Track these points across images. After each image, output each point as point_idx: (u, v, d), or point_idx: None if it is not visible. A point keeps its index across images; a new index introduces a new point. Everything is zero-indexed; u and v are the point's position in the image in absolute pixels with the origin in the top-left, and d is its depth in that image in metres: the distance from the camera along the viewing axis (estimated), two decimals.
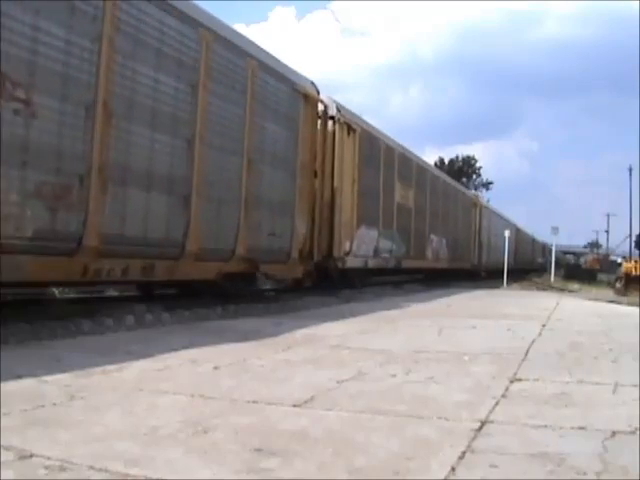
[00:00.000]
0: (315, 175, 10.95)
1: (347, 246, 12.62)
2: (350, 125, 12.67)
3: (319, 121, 11.22)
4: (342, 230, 12.25)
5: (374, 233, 14.38)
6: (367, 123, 14.41)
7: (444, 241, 21.39)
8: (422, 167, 19.42)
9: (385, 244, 15.15)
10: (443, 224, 21.35)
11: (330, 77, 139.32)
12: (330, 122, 11.84)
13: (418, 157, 19.23)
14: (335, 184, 11.94)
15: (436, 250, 20.44)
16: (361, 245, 13.50)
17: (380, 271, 15.78)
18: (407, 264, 17.32)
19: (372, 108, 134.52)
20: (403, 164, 16.78)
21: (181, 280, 8.15)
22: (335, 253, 12.01)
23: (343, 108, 12.50)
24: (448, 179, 24.42)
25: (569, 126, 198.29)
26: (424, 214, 19.07)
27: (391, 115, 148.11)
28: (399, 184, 16.28)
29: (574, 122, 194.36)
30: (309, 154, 10.57)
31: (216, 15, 8.28)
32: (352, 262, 12.97)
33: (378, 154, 14.73)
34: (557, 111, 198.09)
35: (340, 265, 12.31)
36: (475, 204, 27.33)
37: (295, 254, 10.14)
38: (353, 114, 13.31)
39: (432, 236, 19.89)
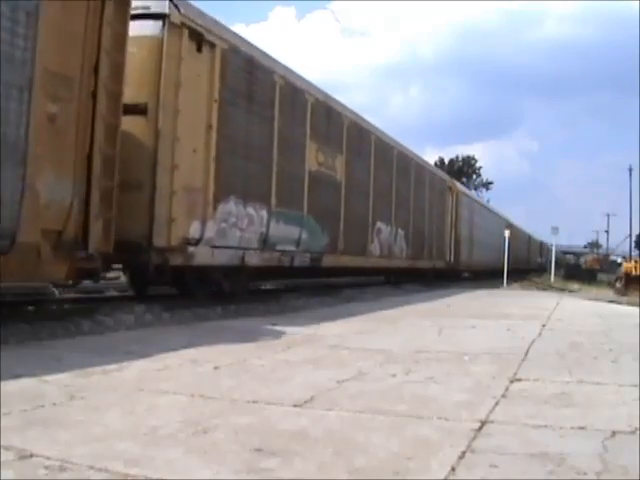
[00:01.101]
0: (94, 98, 5.90)
1: (194, 230, 7.80)
2: (203, 36, 7.84)
3: (111, 8, 6.09)
4: (175, 202, 7.40)
5: (259, 214, 9.15)
6: (247, 42, 9.20)
7: (401, 232, 16.23)
8: (361, 127, 13.47)
9: (285, 232, 9.93)
10: (400, 210, 16.02)
11: (330, 77, 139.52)
12: (150, 22, 7.26)
13: (355, 113, 13.46)
14: (160, 124, 7.18)
15: (387, 244, 15.16)
16: (229, 230, 8.45)
17: (278, 271, 10.73)
18: (333, 262, 12.01)
19: (372, 108, 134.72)
20: (323, 116, 11.34)
21: None
22: (157, 240, 7.13)
23: (190, 7, 7.79)
24: (408, 151, 17.63)
25: (569, 126, 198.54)
26: (365, 193, 13.65)
27: (391, 115, 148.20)
28: (314, 145, 10.91)
29: (574, 122, 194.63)
30: (79, 60, 5.85)
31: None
32: (207, 256, 8.03)
33: (268, 93, 9.42)
34: (557, 111, 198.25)
35: (178, 260, 7.53)
36: (450, 189, 22.23)
37: (33, 237, 5.38)
38: (216, 23, 8.37)
39: (380, 225, 14.56)
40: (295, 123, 10.33)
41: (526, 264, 42.73)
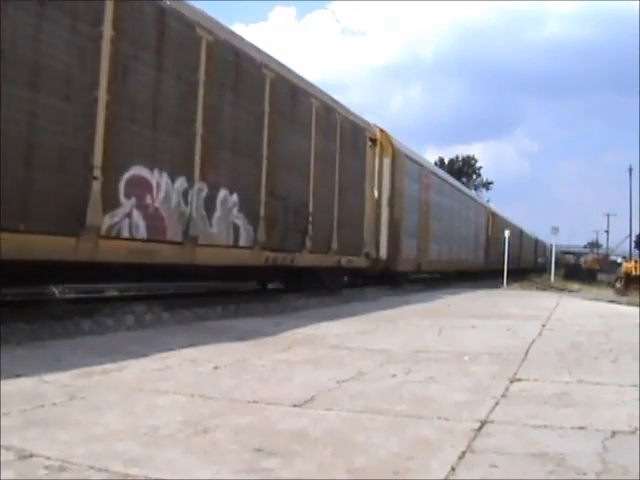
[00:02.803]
0: None
1: None
2: None
3: None
4: None
5: None
6: None
7: (232, 198, 8.32)
8: None
9: None
10: (226, 154, 8.20)
11: (330, 77, 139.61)
12: None
13: None
14: None
15: (173, 217, 7.18)
16: None
17: None
18: None
19: (372, 108, 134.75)
20: None
21: None
22: None
23: None
24: (263, 55, 9.24)
25: (569, 126, 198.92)
26: (80, 99, 5.74)
27: (391, 115, 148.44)
28: None
29: (574, 122, 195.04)
30: None
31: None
32: None
33: None
34: (557, 111, 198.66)
35: None
36: (376, 143, 13.98)
37: None
38: None
39: (142, 172, 6.66)
40: None
41: (517, 264, 33.74)
